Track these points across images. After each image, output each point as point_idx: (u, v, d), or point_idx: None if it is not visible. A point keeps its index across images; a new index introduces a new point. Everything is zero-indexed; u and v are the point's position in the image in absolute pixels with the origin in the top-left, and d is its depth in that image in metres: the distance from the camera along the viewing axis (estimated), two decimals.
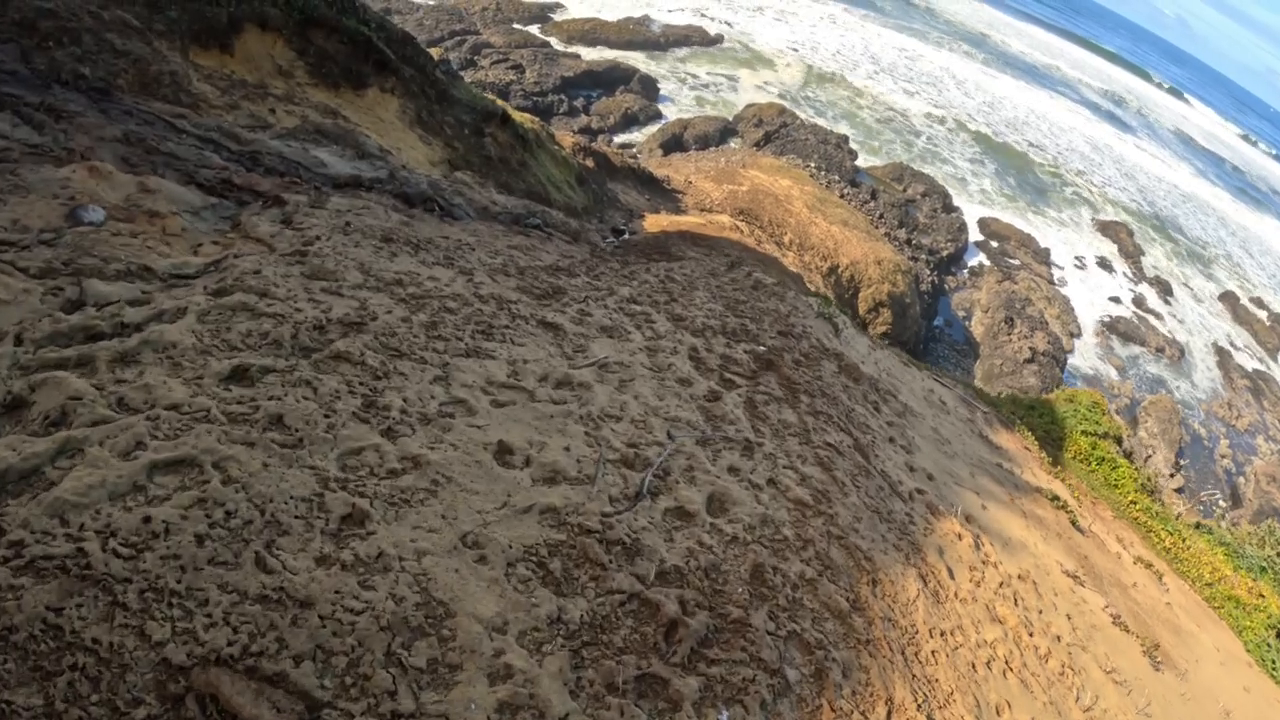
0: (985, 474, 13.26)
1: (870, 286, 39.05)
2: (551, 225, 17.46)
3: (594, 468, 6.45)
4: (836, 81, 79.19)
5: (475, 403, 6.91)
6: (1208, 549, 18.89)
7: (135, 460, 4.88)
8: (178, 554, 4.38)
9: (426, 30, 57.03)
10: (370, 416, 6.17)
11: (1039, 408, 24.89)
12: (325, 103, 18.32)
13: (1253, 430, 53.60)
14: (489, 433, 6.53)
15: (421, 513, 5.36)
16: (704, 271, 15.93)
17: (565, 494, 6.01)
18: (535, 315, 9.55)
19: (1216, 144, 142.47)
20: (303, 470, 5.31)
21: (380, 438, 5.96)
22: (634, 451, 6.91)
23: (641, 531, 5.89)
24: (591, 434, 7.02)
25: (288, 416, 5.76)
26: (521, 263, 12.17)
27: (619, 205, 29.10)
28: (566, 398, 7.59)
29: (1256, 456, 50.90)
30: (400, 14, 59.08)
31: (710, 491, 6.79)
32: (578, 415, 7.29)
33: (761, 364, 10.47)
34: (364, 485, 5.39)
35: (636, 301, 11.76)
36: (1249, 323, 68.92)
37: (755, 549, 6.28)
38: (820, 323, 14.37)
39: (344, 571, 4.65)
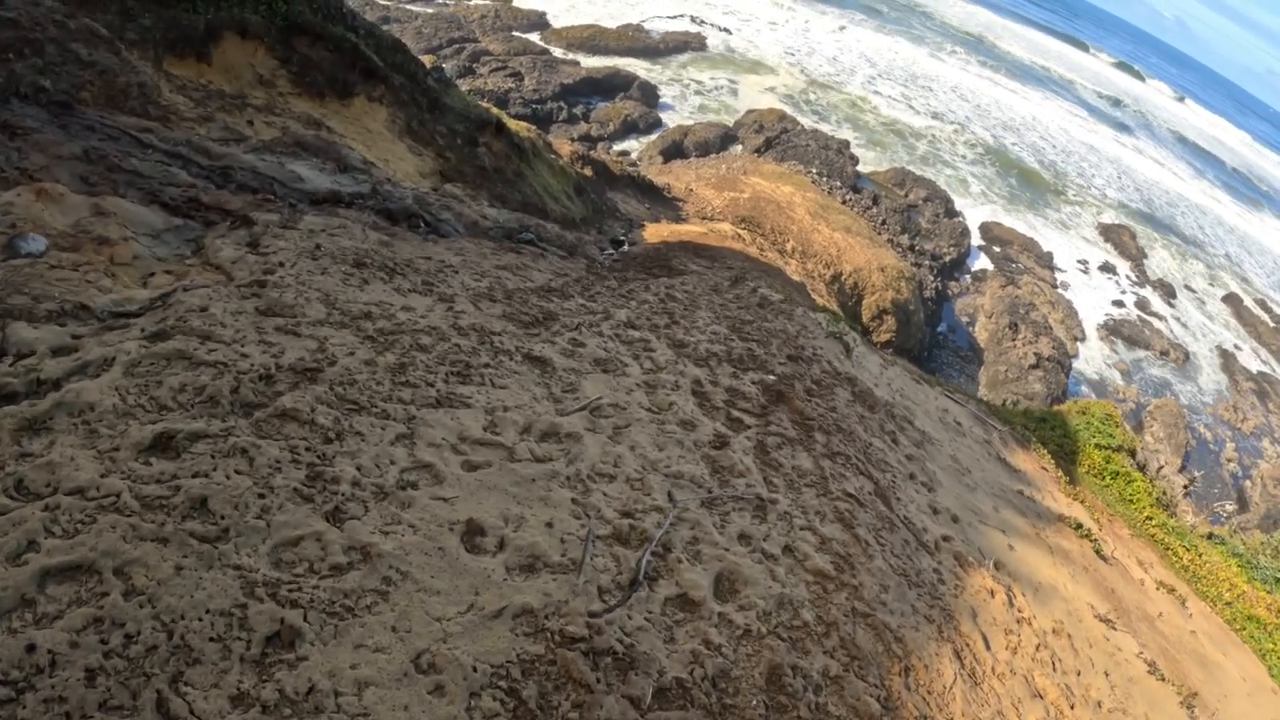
0: (1008, 505, 12.26)
1: (874, 294, 38.08)
2: (546, 240, 16.45)
3: (581, 549, 5.43)
4: (836, 87, 78.26)
5: (443, 467, 5.91)
6: (1223, 562, 18.14)
7: (25, 566, 3.95)
8: (64, 695, 3.43)
9: (425, 38, 56.16)
10: (315, 493, 5.19)
11: (1051, 420, 23.97)
12: (309, 113, 17.35)
13: (1259, 433, 52.62)
14: (457, 508, 5.53)
15: (367, 624, 4.37)
16: (706, 288, 14.93)
17: (545, 588, 5.01)
18: (521, 348, 8.55)
19: (1216, 145, 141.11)
20: (225, 572, 4.36)
21: (324, 523, 4.98)
22: (629, 523, 5.89)
23: (637, 634, 4.88)
24: (580, 501, 6.01)
25: (214, 499, 4.79)
26: (510, 285, 11.17)
27: (618, 215, 28.08)
28: (552, 453, 6.59)
29: (1263, 460, 49.95)
30: (399, 21, 58.26)
31: (718, 570, 5.78)
32: (564, 477, 6.29)
33: (772, 396, 9.47)
34: (299, 589, 4.42)
35: (635, 326, 10.75)
36: (1253, 324, 67.87)
37: (771, 644, 5.27)
38: (831, 343, 13.35)
39: (264, 716, 3.64)
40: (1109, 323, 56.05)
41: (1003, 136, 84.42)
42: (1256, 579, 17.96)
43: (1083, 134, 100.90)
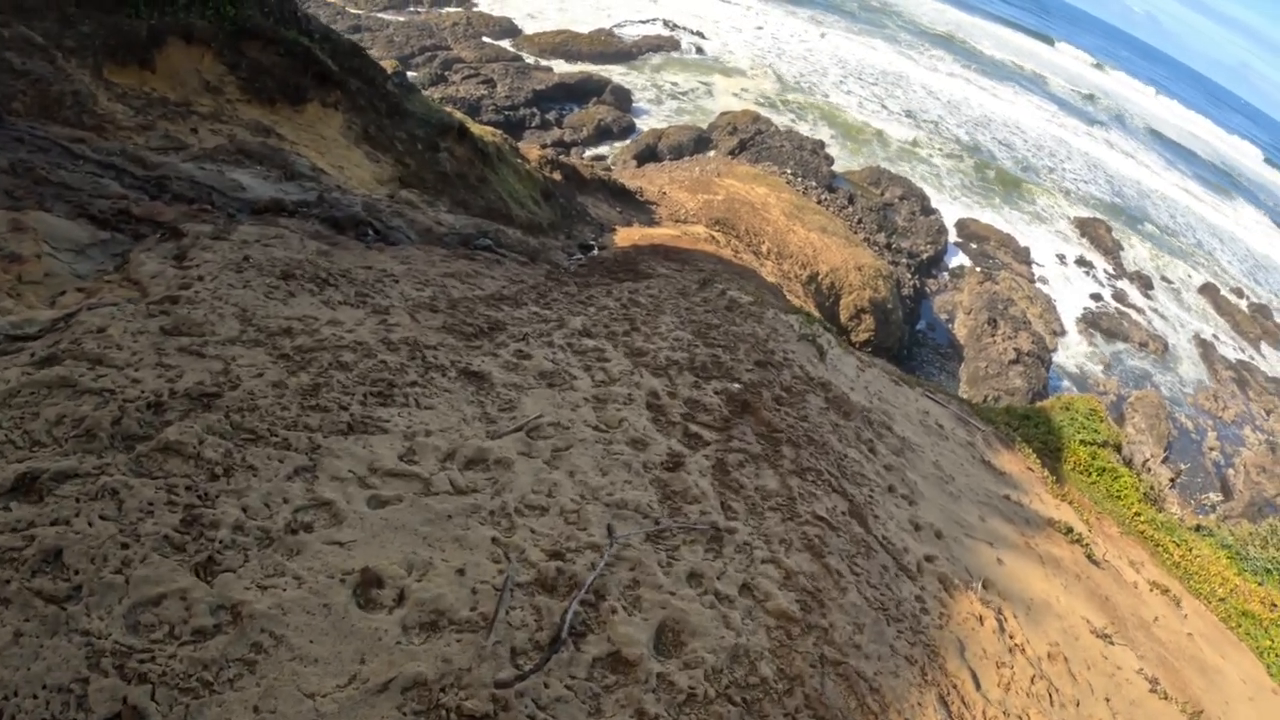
0: (995, 513, 11.42)
1: (851, 293, 37.33)
2: (506, 245, 15.57)
3: (495, 600, 4.53)
4: (809, 87, 77.63)
5: (344, 505, 5.04)
6: (1213, 555, 17.41)
7: None
8: None
9: (397, 46, 55.33)
10: (188, 540, 4.34)
11: (1035, 417, 23.22)
12: (258, 120, 16.45)
13: (1239, 421, 52.43)
14: (354, 553, 4.66)
15: (226, 703, 3.53)
16: (673, 291, 14.06)
17: (446, 651, 4.12)
18: (458, 362, 7.67)
19: (1189, 138, 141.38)
20: (70, 639, 3.55)
21: (192, 577, 4.13)
22: (557, 566, 4.98)
23: (554, 706, 3.99)
24: (502, 540, 5.12)
25: (70, 551, 3.98)
26: (455, 294, 10.29)
27: (589, 219, 27.19)
28: (477, 483, 5.71)
29: (1245, 447, 49.74)
30: (370, 30, 57.59)
31: (661, 619, 4.87)
32: (487, 511, 5.40)
33: (736, 406, 8.59)
34: (152, 660, 3.60)
35: (590, 334, 9.86)
36: (1230, 313, 67.72)
37: (720, 709, 4.39)
38: (803, 346, 12.47)
39: None
40: (1088, 316, 55.68)
41: (976, 133, 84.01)
42: (1247, 570, 17.39)
43: (1055, 129, 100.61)
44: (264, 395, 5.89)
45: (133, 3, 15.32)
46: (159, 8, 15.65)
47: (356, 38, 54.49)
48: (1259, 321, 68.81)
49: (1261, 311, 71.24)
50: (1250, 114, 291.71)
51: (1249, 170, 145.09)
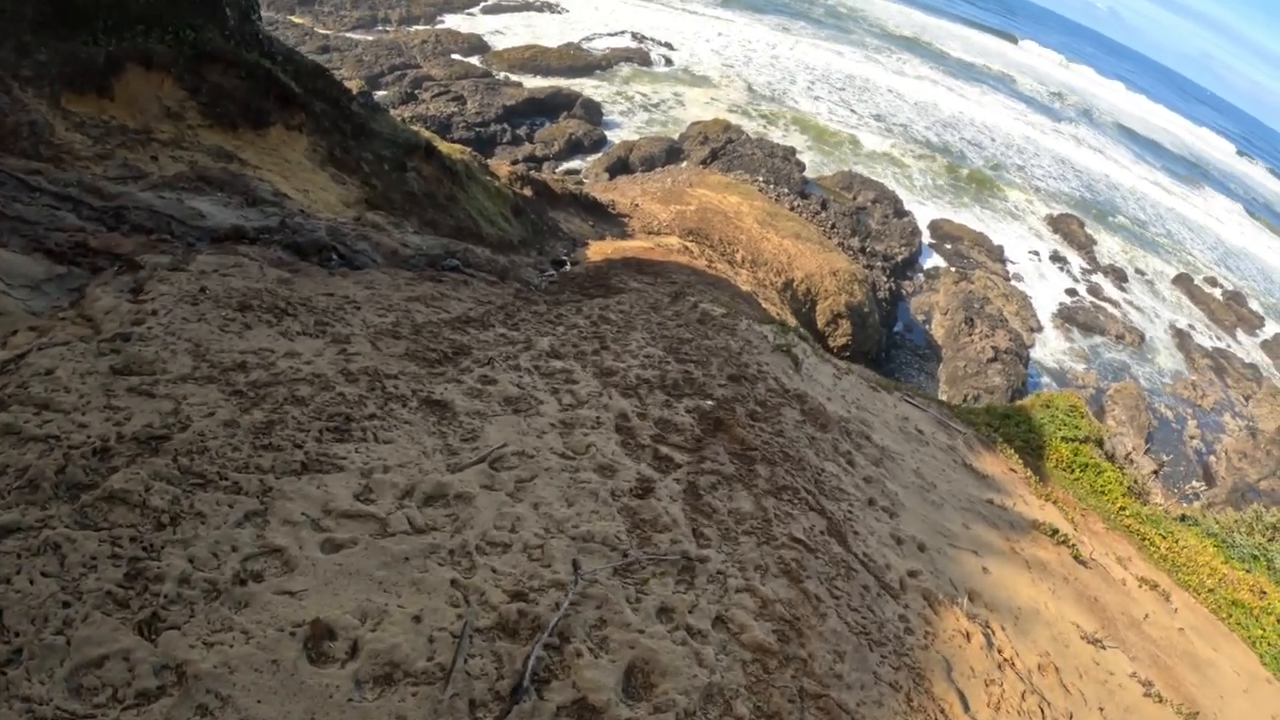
0: (979, 519, 11.20)
1: (827, 299, 37.22)
2: (474, 265, 15.30)
3: (453, 649, 4.26)
4: (778, 95, 77.73)
5: (296, 551, 4.77)
6: (1199, 545, 17.16)
7: None
8: None
9: (366, 66, 55.16)
10: (131, 597, 4.08)
11: (1015, 416, 23.03)
12: (220, 145, 16.17)
13: (1219, 408, 52.98)
14: (306, 603, 4.39)
15: None
16: (645, 306, 13.81)
17: (400, 708, 3.87)
18: (419, 391, 7.40)
19: (1155, 130, 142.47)
20: (11, 705, 3.36)
21: (135, 635, 3.88)
22: (519, 608, 4.70)
23: None
24: (461, 582, 4.84)
25: (10, 612, 3.76)
26: (420, 319, 10.01)
27: (560, 235, 26.96)
28: (436, 520, 5.44)
29: (1225, 434, 50.25)
30: (339, 50, 57.40)
31: (630, 660, 4.60)
32: (446, 551, 5.13)
33: (709, 425, 8.33)
34: None
35: (558, 354, 9.60)
36: (1204, 302, 68.36)
37: None
38: (778, 357, 12.22)
39: None
40: (1063, 311, 56.06)
41: (945, 134, 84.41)
42: (1234, 557, 17.23)
43: (1024, 128, 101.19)
44: (214, 436, 5.62)
45: (91, 29, 15.05)
46: (117, 34, 15.38)
47: (325, 58, 54.37)
48: (1233, 309, 69.53)
49: (1236, 299, 71.96)
50: (1216, 105, 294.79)
51: (1218, 161, 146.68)
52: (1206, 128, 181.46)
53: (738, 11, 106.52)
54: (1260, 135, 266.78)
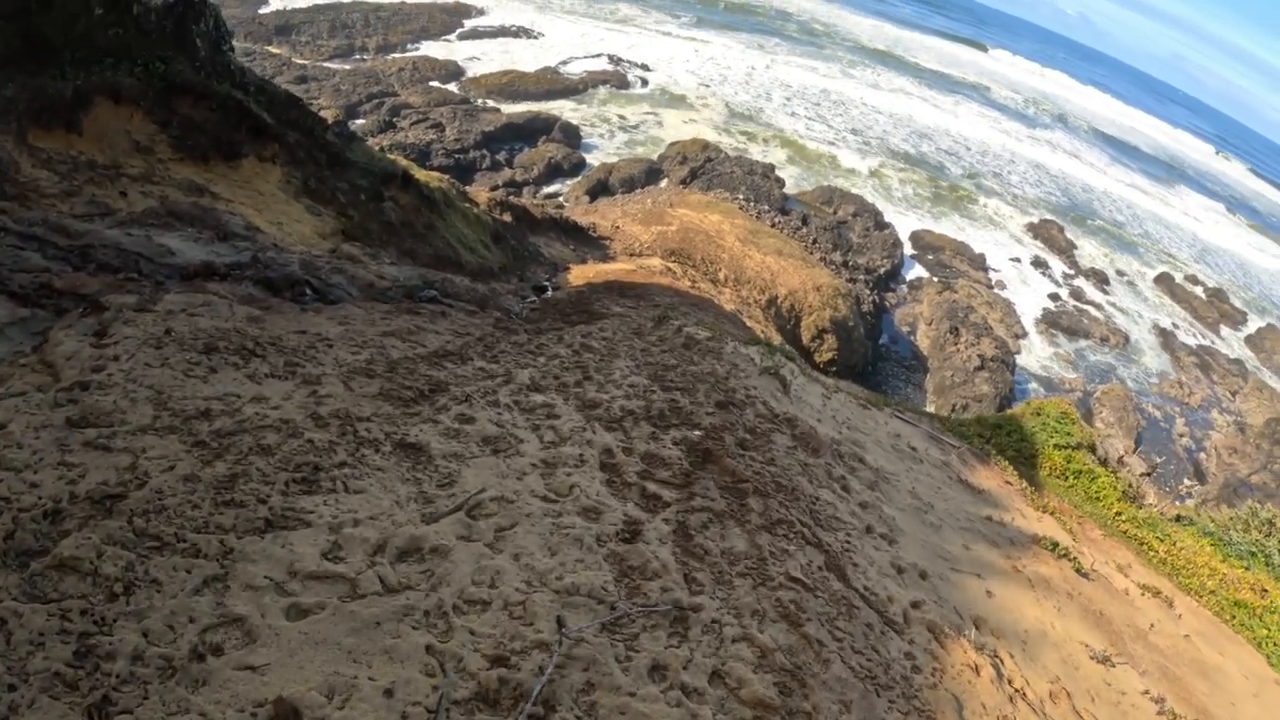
0: (979, 538, 10.85)
1: (811, 314, 36.96)
2: (453, 295, 14.93)
3: None
4: (756, 112, 77.64)
5: (258, 619, 4.41)
6: (1196, 546, 17.07)
7: None
8: None
9: (344, 95, 54.95)
10: (81, 677, 3.74)
11: (1006, 425, 22.76)
12: (192, 179, 15.79)
13: (1206, 405, 52.99)
14: (269, 678, 4.03)
15: None
16: (628, 331, 13.46)
17: None
18: (394, 434, 7.03)
19: (1130, 133, 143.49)
20: None
21: None
22: (499, 674, 4.32)
23: None
24: (437, 647, 4.47)
25: None
26: (395, 354, 9.64)
27: (541, 259, 26.61)
28: (410, 578, 5.07)
29: (1214, 430, 50.23)
30: (317, 80, 57.15)
31: None
32: (421, 612, 4.75)
33: (697, 457, 7.96)
34: None
35: (539, 387, 9.23)
36: (1187, 300, 68.62)
37: None
38: (765, 380, 11.86)
39: None
40: (1047, 316, 56.00)
41: (922, 145, 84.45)
42: (1231, 555, 17.17)
43: (1000, 136, 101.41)
44: (173, 493, 5.26)
45: (58, 63, 14.70)
46: (86, 67, 15.05)
47: (303, 88, 54.12)
48: (1216, 305, 69.82)
49: (1218, 296, 72.31)
50: (1190, 105, 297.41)
51: (1194, 160, 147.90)
52: (1181, 128, 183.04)
53: (712, 31, 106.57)
54: (1235, 133, 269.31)
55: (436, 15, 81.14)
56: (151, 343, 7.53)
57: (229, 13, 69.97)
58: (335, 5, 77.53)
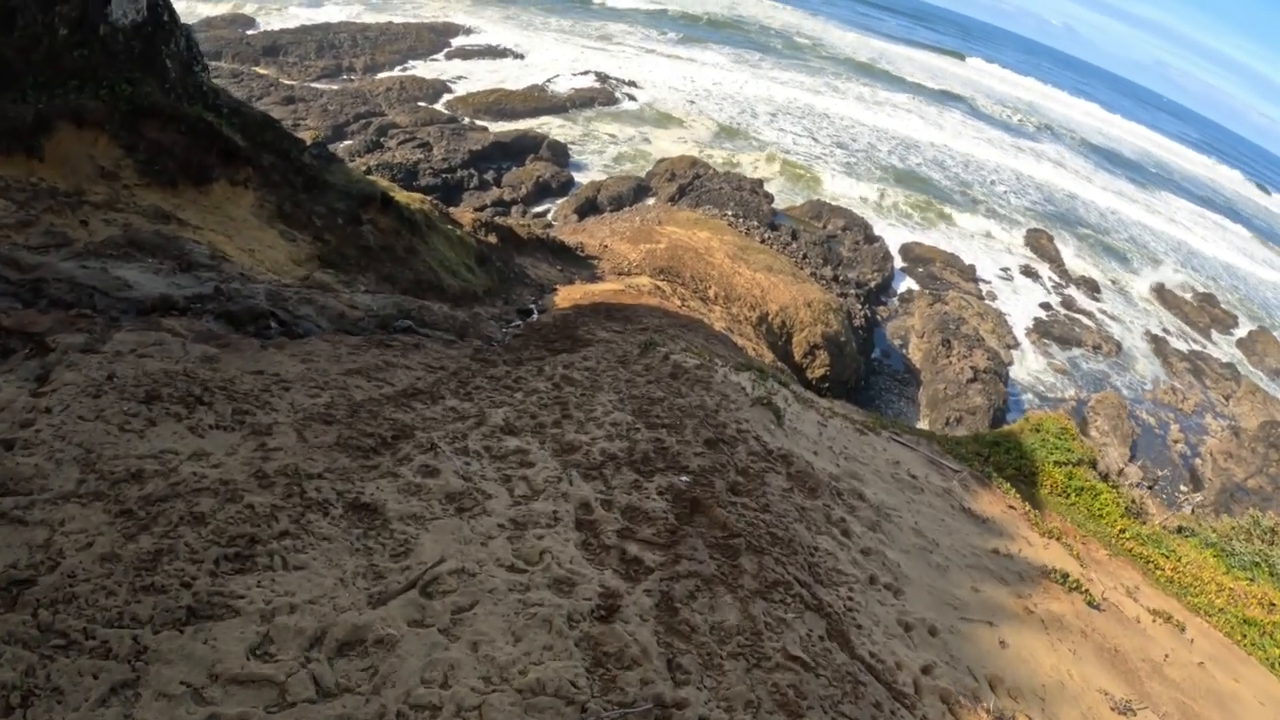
0: (987, 576, 10.13)
1: (803, 330, 36.22)
2: (430, 324, 14.17)
3: None
4: (743, 129, 77.07)
5: None
6: (1199, 558, 16.77)
7: None
8: None
9: (331, 115, 54.25)
10: None
11: (1004, 443, 22.13)
12: (158, 206, 15.04)
13: (1200, 410, 52.32)
14: None
15: None
16: (613, 360, 12.72)
17: None
18: (346, 493, 6.30)
19: (1114, 140, 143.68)
20: None
21: None
22: None
23: None
24: None
25: None
26: (359, 395, 8.90)
27: (528, 281, 25.85)
28: (350, 678, 4.32)
29: (1208, 435, 49.55)
30: (304, 101, 56.53)
31: None
32: None
33: (684, 507, 7.22)
34: None
35: (514, 429, 8.49)
36: (1177, 306, 68.15)
37: None
38: (758, 412, 11.11)
39: None
40: (1039, 326, 55.37)
41: (909, 157, 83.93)
42: (1235, 566, 16.88)
43: (985, 146, 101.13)
44: (87, 577, 4.55)
45: (20, 86, 14.00)
46: (48, 90, 14.35)
47: (290, 109, 53.53)
48: (1206, 310, 69.44)
49: (1208, 300, 71.99)
50: (1174, 110, 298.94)
51: (1180, 166, 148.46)
52: (1166, 134, 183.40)
53: (698, 48, 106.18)
54: (1219, 137, 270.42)
55: (424, 35, 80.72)
56: (90, 390, 6.82)
57: (217, 34, 70.50)
58: (323, 26, 77.47)
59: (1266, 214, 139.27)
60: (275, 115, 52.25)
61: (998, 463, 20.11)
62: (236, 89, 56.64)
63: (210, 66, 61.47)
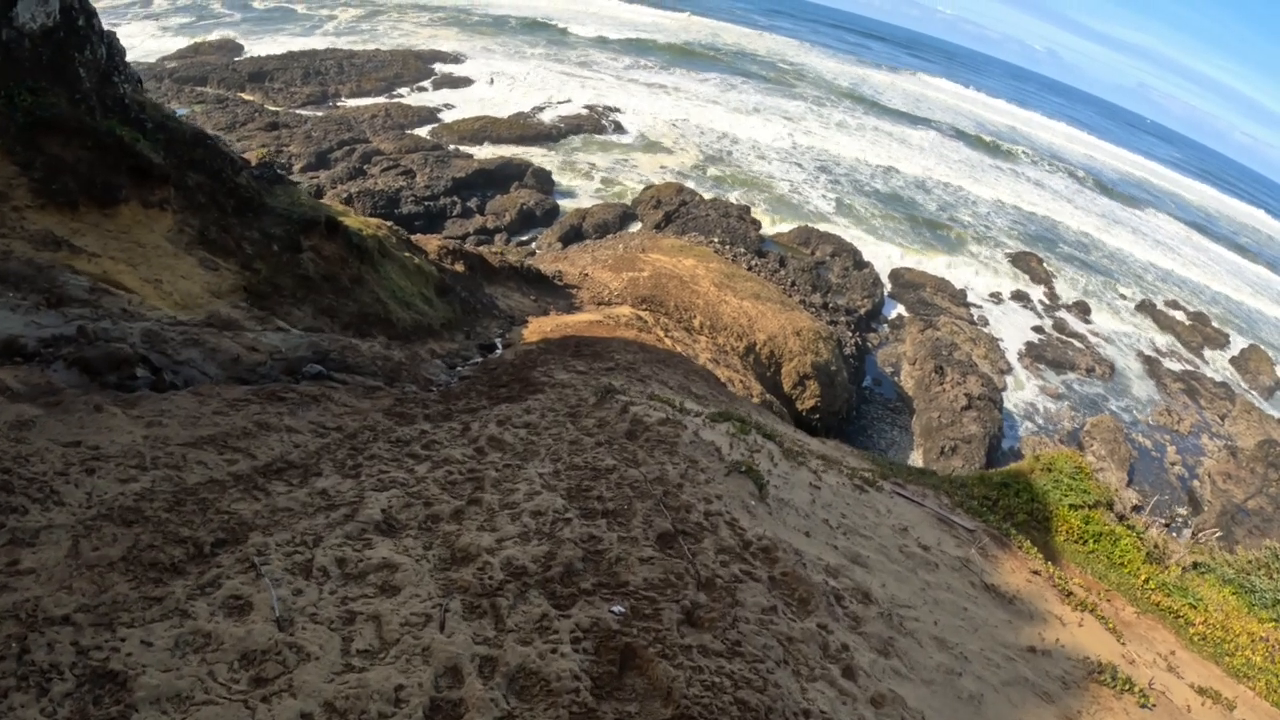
0: (1028, 695, 7.70)
1: (792, 360, 33.79)
2: (352, 368, 11.64)
3: None
4: (729, 156, 75.00)
5: None
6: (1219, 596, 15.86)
7: None
8: None
9: (315, 142, 52.17)
10: None
11: (1014, 484, 19.92)
12: (50, 230, 12.67)
13: (1196, 430, 50.38)
14: None
15: None
16: (561, 412, 10.19)
17: None
18: (90, 653, 3.89)
19: (1101, 163, 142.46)
20: None
21: None
22: None
23: None
24: None
25: None
26: (196, 477, 6.42)
27: (497, 313, 23.36)
28: None
29: (1206, 456, 47.62)
30: (288, 127, 54.70)
31: None
32: None
33: (611, 664, 4.68)
34: None
35: (393, 526, 6.00)
36: (1170, 326, 66.24)
37: None
38: (735, 482, 8.52)
39: None
40: (1032, 350, 53.36)
41: (893, 182, 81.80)
42: (1257, 605, 15.87)
43: (971, 170, 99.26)
44: None
45: None
46: None
47: (273, 135, 51.63)
48: (1199, 329, 67.64)
49: (1199, 319, 70.33)
50: (1158, 132, 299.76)
51: (1165, 187, 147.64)
52: (1151, 156, 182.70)
53: (683, 76, 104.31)
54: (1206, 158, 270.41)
55: (410, 62, 78.86)
56: None
57: (205, 59, 68.38)
58: (309, 52, 75.73)
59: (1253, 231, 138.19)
60: (259, 141, 50.69)
61: (1008, 507, 18.19)
62: (221, 114, 54.68)
63: (196, 92, 59.73)
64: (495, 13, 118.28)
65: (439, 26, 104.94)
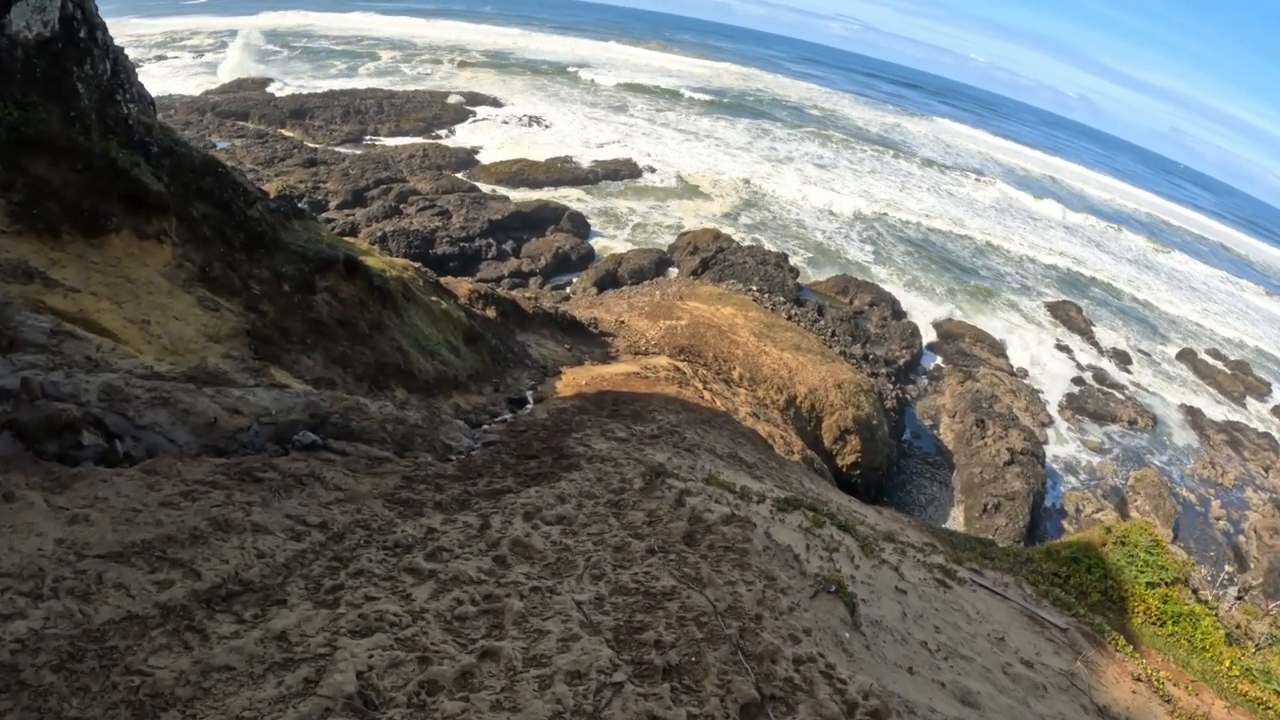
0: None
1: (833, 414, 31.78)
2: (356, 435, 9.74)
3: None
4: (766, 201, 73.45)
5: None
6: None
7: None
8: None
9: (352, 179, 51.36)
10: None
11: (1085, 559, 18.17)
12: (26, 260, 11.05)
13: (1240, 484, 47.50)
14: None
15: None
16: (603, 500, 8.25)
17: None
18: None
19: (1136, 211, 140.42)
20: None
21: None
22: None
23: None
24: None
25: None
26: (107, 611, 4.62)
27: (529, 362, 21.54)
28: None
29: (1250, 510, 44.80)
30: (326, 164, 54.26)
31: None
32: None
33: None
34: None
35: (371, 697, 4.11)
36: (1211, 375, 63.48)
37: None
38: (824, 607, 6.51)
39: None
40: (1073, 401, 51.00)
41: (929, 232, 79.56)
42: None
43: (1007, 218, 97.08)
44: None
45: None
46: None
47: (311, 171, 50.84)
48: (1240, 379, 65.03)
49: (1240, 368, 67.61)
50: (1192, 178, 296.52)
51: (1202, 232, 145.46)
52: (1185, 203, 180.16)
53: (721, 122, 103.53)
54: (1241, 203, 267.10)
55: (449, 104, 78.19)
56: None
57: (246, 95, 67.95)
58: (349, 91, 76.12)
59: None
60: (296, 177, 49.70)
61: (1080, 585, 16.88)
62: (260, 149, 53.98)
63: (237, 126, 58.95)
64: (531, 58, 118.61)
65: (477, 69, 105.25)
